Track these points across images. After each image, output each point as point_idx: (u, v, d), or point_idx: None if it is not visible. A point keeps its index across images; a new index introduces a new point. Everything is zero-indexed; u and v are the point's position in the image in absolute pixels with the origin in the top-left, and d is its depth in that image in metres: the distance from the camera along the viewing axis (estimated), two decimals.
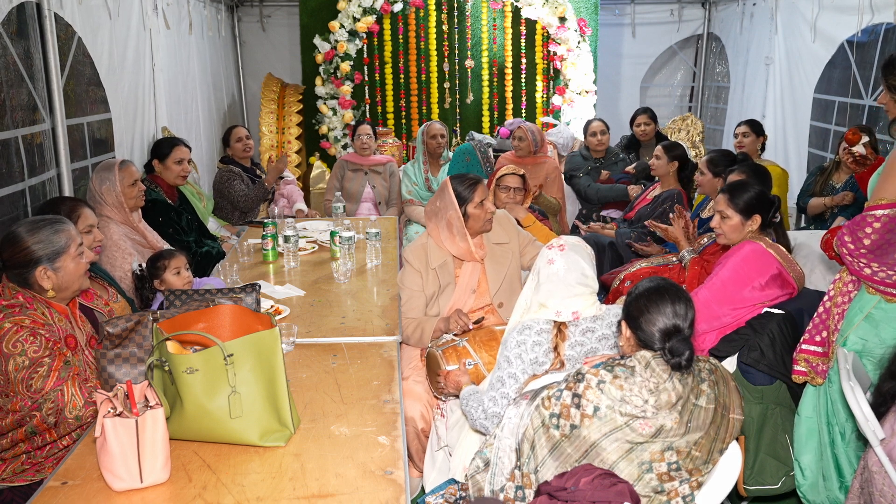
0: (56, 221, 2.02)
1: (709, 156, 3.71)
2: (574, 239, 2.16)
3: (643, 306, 1.71)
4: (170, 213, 3.48)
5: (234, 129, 4.65)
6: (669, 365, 1.65)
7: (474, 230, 2.77)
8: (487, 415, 2.05)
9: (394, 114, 5.97)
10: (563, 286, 2.04)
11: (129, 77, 3.88)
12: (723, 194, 2.69)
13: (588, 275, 2.06)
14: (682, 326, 1.68)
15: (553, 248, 2.10)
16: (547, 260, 2.09)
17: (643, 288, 1.75)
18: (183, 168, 3.60)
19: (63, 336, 1.97)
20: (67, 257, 1.98)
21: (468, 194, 2.73)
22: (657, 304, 1.69)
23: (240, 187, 4.42)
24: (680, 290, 1.73)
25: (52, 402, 1.85)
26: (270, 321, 1.80)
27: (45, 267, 1.95)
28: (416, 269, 2.75)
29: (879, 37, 4.11)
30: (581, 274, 2.05)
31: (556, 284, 2.05)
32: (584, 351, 2.05)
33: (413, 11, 5.73)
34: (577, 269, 2.05)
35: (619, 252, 4.03)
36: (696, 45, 6.65)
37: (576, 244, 2.12)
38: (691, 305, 1.71)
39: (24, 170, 2.95)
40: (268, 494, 1.55)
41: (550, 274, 2.07)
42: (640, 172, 4.77)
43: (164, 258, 2.65)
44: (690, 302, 1.72)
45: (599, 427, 1.63)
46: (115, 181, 2.92)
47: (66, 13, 3.16)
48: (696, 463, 1.67)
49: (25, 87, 2.96)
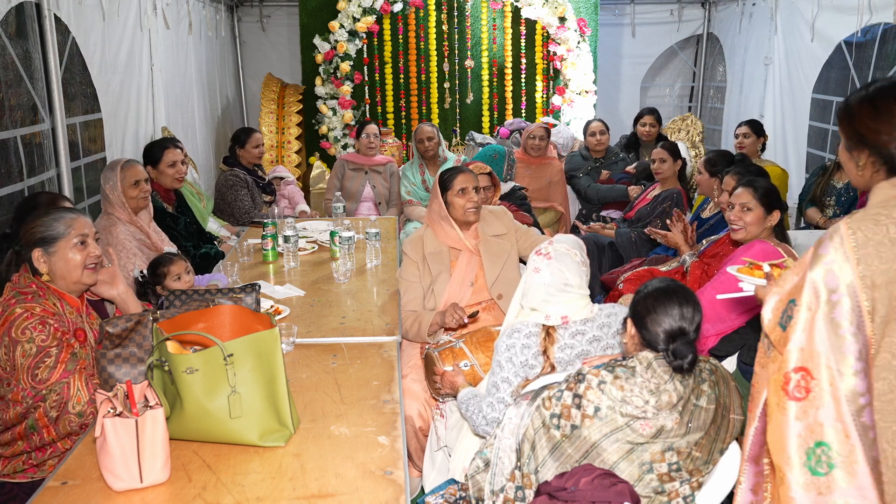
0: (67, 210, 2.08)
1: (707, 156, 3.72)
2: (564, 245, 2.11)
3: (650, 306, 1.70)
4: (166, 219, 3.44)
5: (252, 133, 4.59)
6: (671, 367, 1.65)
7: (458, 219, 2.78)
8: (488, 420, 2.05)
9: (394, 114, 5.97)
10: (546, 295, 2.05)
11: (122, 77, 3.87)
12: (745, 187, 2.66)
13: (572, 284, 2.05)
14: (688, 329, 1.67)
15: (541, 256, 2.10)
16: (533, 268, 2.09)
17: (653, 287, 1.74)
18: (177, 170, 3.53)
19: (73, 329, 1.98)
20: (65, 244, 2.00)
21: (449, 182, 2.77)
22: (665, 305, 1.68)
23: (245, 198, 4.39)
24: (689, 292, 1.72)
25: (56, 395, 1.85)
26: (270, 321, 1.80)
27: (41, 250, 1.98)
28: (413, 260, 2.78)
29: (876, 37, 4.11)
30: (564, 284, 2.04)
31: (539, 292, 2.06)
32: (575, 354, 2.04)
33: (413, 11, 5.73)
34: (561, 280, 2.04)
35: (619, 252, 4.03)
36: (696, 46, 6.65)
37: (564, 253, 2.08)
38: (699, 309, 1.70)
39: (23, 170, 2.95)
40: (268, 494, 1.55)
41: (536, 283, 2.07)
42: (640, 172, 4.77)
43: (163, 265, 2.61)
44: (698, 306, 1.71)
45: (600, 427, 1.63)
46: (116, 181, 2.92)
47: (62, 13, 3.16)
48: (696, 463, 1.67)
49: (24, 86, 2.96)
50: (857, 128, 1.46)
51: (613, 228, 4.16)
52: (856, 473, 1.29)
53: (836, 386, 1.31)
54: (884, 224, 1.35)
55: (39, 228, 1.99)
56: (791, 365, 1.34)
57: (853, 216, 1.39)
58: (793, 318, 1.35)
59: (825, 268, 1.33)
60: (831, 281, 1.33)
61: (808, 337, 1.33)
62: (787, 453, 1.33)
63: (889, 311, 1.35)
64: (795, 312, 1.35)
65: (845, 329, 1.32)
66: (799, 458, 1.32)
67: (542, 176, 4.85)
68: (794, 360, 1.34)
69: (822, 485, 1.31)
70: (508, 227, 2.90)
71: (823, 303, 1.32)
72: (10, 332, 1.87)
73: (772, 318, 1.39)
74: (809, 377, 1.33)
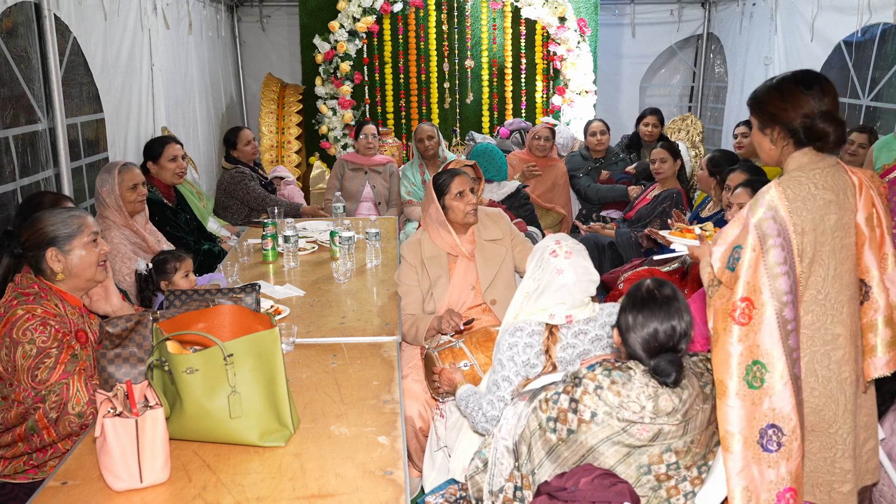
0: (74, 209, 2.09)
1: (710, 155, 3.72)
2: (571, 241, 2.11)
3: (631, 322, 1.64)
4: (166, 212, 3.47)
5: (240, 131, 4.59)
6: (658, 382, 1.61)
7: (457, 223, 2.77)
8: (488, 418, 2.05)
9: (394, 114, 5.97)
10: (573, 296, 2.01)
11: (124, 77, 3.87)
12: (745, 187, 2.70)
13: (593, 273, 2.04)
14: (670, 346, 1.62)
15: (559, 256, 2.03)
16: (555, 269, 2.01)
17: (634, 297, 1.68)
18: (178, 165, 3.56)
19: (74, 330, 1.99)
20: (79, 242, 2.01)
21: (446, 185, 2.74)
22: (644, 322, 1.62)
23: (256, 187, 4.42)
24: (673, 301, 1.64)
25: (56, 396, 1.85)
26: (270, 321, 1.80)
27: (56, 249, 1.98)
28: (411, 265, 2.77)
29: (875, 37, 4.11)
30: (589, 280, 2.03)
31: (566, 294, 2.01)
32: (577, 353, 2.03)
33: (413, 11, 5.73)
34: (586, 276, 2.02)
35: (619, 252, 4.03)
36: (696, 46, 6.65)
37: (579, 248, 2.07)
38: (684, 317, 1.64)
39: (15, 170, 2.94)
40: (268, 494, 1.55)
41: (561, 285, 2.01)
42: (640, 172, 4.77)
43: (174, 260, 2.63)
44: (683, 314, 1.64)
45: (597, 432, 1.62)
46: (113, 184, 2.91)
47: (62, 13, 3.16)
48: (695, 458, 1.67)
49: (18, 86, 2.96)
50: (769, 109, 1.79)
51: (613, 228, 4.16)
52: (782, 386, 1.62)
53: (772, 314, 1.62)
54: (805, 184, 1.70)
55: (51, 228, 1.99)
56: (738, 295, 1.64)
57: (780, 179, 1.72)
58: (740, 259, 1.65)
59: (765, 217, 1.65)
60: (770, 228, 1.65)
61: (753, 272, 1.64)
62: (730, 370, 1.63)
63: (814, 253, 1.69)
64: (742, 255, 1.65)
65: (780, 268, 1.63)
66: (739, 373, 1.63)
67: (546, 178, 4.85)
68: (740, 291, 1.64)
69: (755, 396, 1.63)
70: (504, 231, 2.89)
71: (765, 245, 1.64)
72: (11, 334, 1.87)
73: (720, 265, 1.69)
74: (752, 306, 1.64)
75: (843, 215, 1.73)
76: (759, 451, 1.63)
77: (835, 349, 1.74)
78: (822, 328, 1.73)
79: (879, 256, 1.79)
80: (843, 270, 1.73)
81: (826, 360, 1.73)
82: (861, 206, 1.76)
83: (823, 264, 1.71)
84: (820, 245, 1.69)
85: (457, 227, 2.79)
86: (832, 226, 1.70)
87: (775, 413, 1.63)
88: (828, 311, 1.72)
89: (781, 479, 1.65)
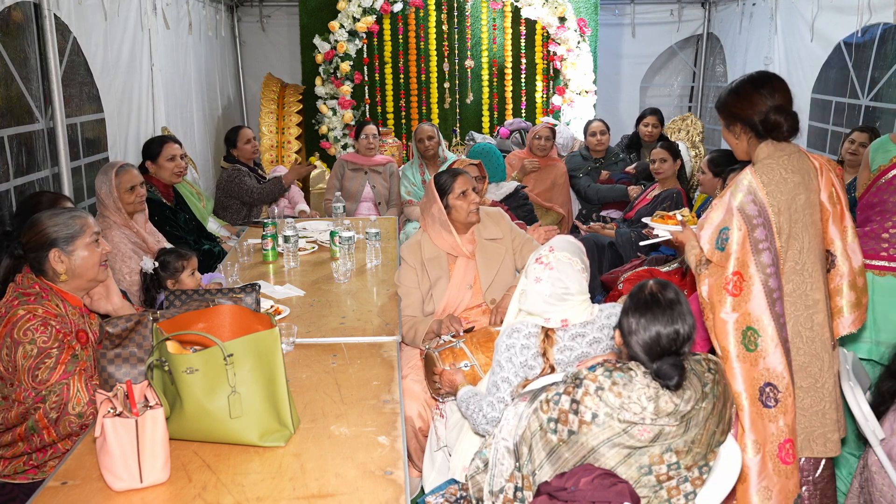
0: (74, 209, 2.09)
1: (710, 155, 3.71)
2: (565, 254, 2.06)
3: (633, 325, 1.64)
4: (165, 212, 3.47)
5: (240, 130, 4.59)
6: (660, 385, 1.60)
7: (460, 222, 2.77)
8: (488, 420, 2.05)
9: (394, 114, 5.97)
10: (545, 305, 2.02)
11: (124, 77, 3.87)
12: None
13: (572, 292, 2.01)
14: (673, 349, 1.61)
15: (542, 265, 2.04)
16: (534, 277, 2.04)
17: (637, 299, 1.67)
18: (177, 164, 3.56)
19: (75, 330, 1.98)
20: (81, 243, 2.01)
21: (448, 185, 2.74)
22: (647, 325, 1.62)
23: (251, 182, 4.43)
24: (676, 305, 1.64)
25: (56, 396, 1.85)
26: (270, 321, 1.80)
27: (59, 250, 1.98)
28: (411, 266, 2.77)
29: (875, 37, 4.11)
30: (564, 293, 2.01)
31: (538, 301, 2.03)
32: (575, 356, 2.03)
33: (413, 11, 5.73)
34: (561, 290, 2.01)
35: (619, 252, 4.03)
36: (696, 46, 6.65)
37: (565, 262, 2.03)
38: (687, 321, 1.63)
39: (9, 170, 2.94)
40: (268, 494, 1.55)
41: (535, 292, 2.04)
42: (640, 172, 4.77)
43: (182, 258, 2.64)
44: (686, 317, 1.63)
45: (598, 434, 1.61)
46: (111, 186, 2.92)
47: (62, 13, 3.16)
48: (695, 459, 1.66)
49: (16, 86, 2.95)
50: (730, 109, 2.04)
51: (613, 228, 4.16)
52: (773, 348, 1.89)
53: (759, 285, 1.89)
54: (776, 169, 1.95)
55: (53, 229, 1.99)
56: (730, 270, 1.90)
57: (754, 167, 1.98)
58: (729, 240, 1.90)
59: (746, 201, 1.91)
60: (752, 209, 1.90)
61: (741, 249, 1.90)
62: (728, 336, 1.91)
63: (790, 229, 1.94)
64: (730, 235, 1.90)
65: (763, 244, 1.89)
66: (735, 338, 1.91)
67: (546, 177, 4.85)
68: (732, 266, 1.90)
69: (751, 358, 1.91)
70: (504, 230, 2.89)
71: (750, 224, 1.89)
72: (12, 334, 1.87)
73: (710, 247, 1.95)
74: (742, 279, 1.90)
75: (810, 195, 1.98)
76: (760, 408, 1.90)
77: (816, 313, 1.98)
78: (803, 295, 1.97)
79: (841, 229, 2.06)
80: (815, 243, 1.99)
81: (809, 322, 1.98)
82: (823, 186, 2.02)
83: (798, 238, 1.95)
84: (794, 222, 1.94)
85: (458, 226, 2.79)
86: (802, 204, 1.95)
87: (770, 372, 1.89)
88: (806, 280, 1.97)
89: (781, 431, 1.91)
